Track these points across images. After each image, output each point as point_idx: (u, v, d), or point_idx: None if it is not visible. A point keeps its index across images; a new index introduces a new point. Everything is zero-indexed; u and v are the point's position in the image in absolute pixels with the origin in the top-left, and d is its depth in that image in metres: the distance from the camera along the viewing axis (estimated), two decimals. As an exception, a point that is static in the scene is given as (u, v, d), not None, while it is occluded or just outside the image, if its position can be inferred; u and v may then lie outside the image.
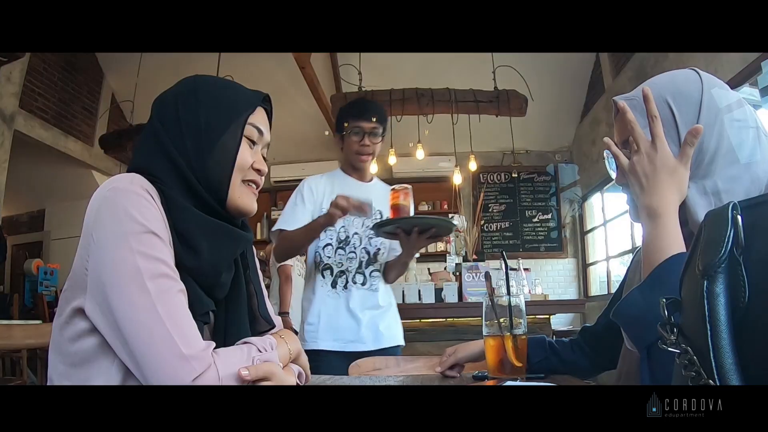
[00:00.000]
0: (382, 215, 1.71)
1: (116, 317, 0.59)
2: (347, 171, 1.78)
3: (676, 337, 0.40)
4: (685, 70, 0.77)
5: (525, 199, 6.04)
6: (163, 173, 0.70)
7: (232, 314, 0.76)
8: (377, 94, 3.77)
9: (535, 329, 3.28)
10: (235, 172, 0.73)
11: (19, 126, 4.31)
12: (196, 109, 0.73)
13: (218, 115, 0.73)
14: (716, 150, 0.71)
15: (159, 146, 0.71)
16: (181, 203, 0.68)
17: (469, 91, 3.79)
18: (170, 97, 0.75)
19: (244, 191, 0.75)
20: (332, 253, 1.68)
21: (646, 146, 0.71)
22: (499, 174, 6.04)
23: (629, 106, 0.76)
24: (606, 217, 5.29)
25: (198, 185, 0.71)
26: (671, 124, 0.73)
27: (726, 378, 0.35)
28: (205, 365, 0.60)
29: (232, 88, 0.78)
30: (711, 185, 0.71)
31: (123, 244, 0.61)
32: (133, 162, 0.73)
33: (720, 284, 0.37)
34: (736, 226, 0.37)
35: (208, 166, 0.71)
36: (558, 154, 6.06)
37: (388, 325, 1.70)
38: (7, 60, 3.85)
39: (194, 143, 0.71)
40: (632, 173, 0.72)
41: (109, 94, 5.56)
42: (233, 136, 0.74)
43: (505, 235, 5.97)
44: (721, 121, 0.71)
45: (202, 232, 0.69)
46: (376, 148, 1.72)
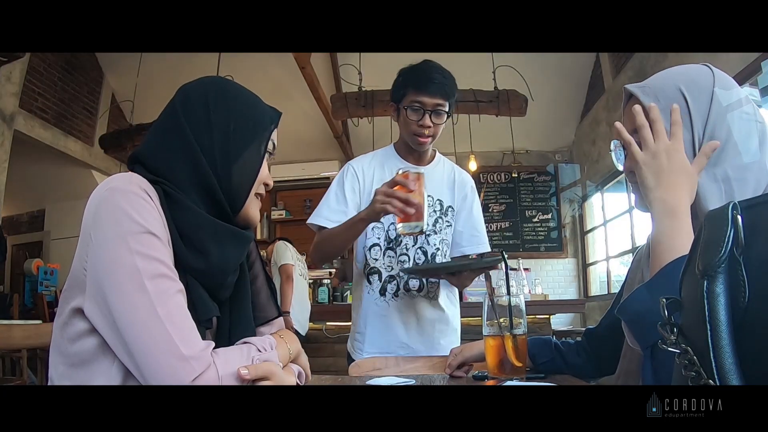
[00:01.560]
0: (443, 206, 1.45)
1: (115, 318, 0.59)
2: (401, 152, 1.48)
3: (676, 337, 0.40)
4: (696, 64, 0.78)
5: (525, 199, 6.04)
6: (180, 171, 0.69)
7: (236, 315, 0.76)
8: (377, 94, 3.77)
9: (535, 329, 3.28)
10: (255, 183, 0.74)
11: (19, 126, 4.31)
12: (227, 115, 0.72)
13: (247, 126, 0.73)
14: (727, 139, 0.72)
15: (183, 143, 0.70)
16: (187, 204, 0.67)
17: (469, 91, 3.78)
18: (199, 94, 0.73)
19: (254, 203, 0.76)
20: (380, 255, 1.42)
21: (666, 143, 0.71)
22: (499, 174, 6.04)
23: (642, 92, 0.76)
24: (606, 217, 5.28)
25: (218, 190, 0.70)
26: (684, 111, 0.73)
27: (726, 378, 0.35)
28: (204, 365, 0.60)
29: (258, 101, 0.77)
30: (721, 173, 0.72)
31: (121, 245, 0.60)
32: (148, 152, 0.71)
33: (720, 284, 0.37)
34: (736, 226, 0.37)
35: (232, 176, 0.71)
36: (558, 154, 6.06)
37: (451, 341, 1.44)
38: (7, 60, 3.85)
39: (221, 148, 0.70)
40: (646, 165, 0.72)
41: (109, 94, 5.57)
42: (258, 150, 0.74)
43: (505, 235, 5.97)
44: (731, 111, 0.72)
45: (211, 236, 0.69)
46: (438, 130, 1.39)
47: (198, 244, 0.67)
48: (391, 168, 1.44)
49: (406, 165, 1.45)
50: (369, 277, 1.43)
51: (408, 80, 1.37)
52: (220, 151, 0.70)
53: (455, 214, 1.50)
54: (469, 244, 1.50)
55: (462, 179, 1.52)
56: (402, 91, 1.38)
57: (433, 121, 1.36)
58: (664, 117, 0.74)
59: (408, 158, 1.46)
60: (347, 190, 1.42)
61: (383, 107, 3.79)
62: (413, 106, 1.35)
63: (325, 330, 3.67)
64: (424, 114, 1.35)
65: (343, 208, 1.40)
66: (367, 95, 3.82)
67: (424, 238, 1.44)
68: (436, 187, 1.46)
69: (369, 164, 1.47)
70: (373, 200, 1.20)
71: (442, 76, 1.36)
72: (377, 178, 1.44)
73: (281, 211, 5.99)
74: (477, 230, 1.51)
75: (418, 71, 1.38)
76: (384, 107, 3.89)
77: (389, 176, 1.38)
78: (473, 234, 1.50)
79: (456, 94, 1.39)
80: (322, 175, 5.96)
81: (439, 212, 1.47)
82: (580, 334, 1.19)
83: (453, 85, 1.37)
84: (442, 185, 1.47)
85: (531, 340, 1.08)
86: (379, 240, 1.43)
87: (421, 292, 1.43)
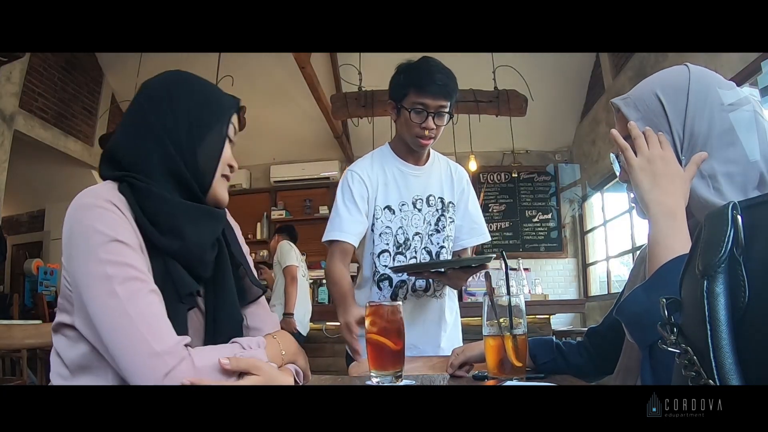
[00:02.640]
0: (444, 203, 1.44)
1: (96, 324, 0.62)
2: (400, 152, 1.43)
3: (676, 337, 0.40)
4: (676, 66, 0.79)
5: (525, 199, 6.03)
6: (149, 159, 0.73)
7: (220, 293, 0.79)
8: (377, 94, 3.77)
9: (535, 329, 3.28)
10: (219, 165, 0.78)
11: (19, 126, 4.31)
12: (188, 102, 0.76)
13: (209, 111, 0.78)
14: (708, 132, 0.72)
15: (150, 133, 0.74)
16: (155, 192, 0.71)
17: (469, 91, 3.78)
18: (161, 86, 0.78)
19: (222, 183, 0.80)
20: (390, 261, 1.39)
21: (659, 150, 0.73)
22: (499, 174, 6.04)
23: (624, 104, 0.79)
24: (606, 217, 5.28)
25: (186, 172, 0.74)
26: (661, 114, 0.75)
27: (726, 378, 0.35)
28: (177, 358, 0.61)
29: (217, 89, 0.83)
30: (708, 168, 0.72)
31: (92, 258, 0.64)
32: (118, 146, 0.75)
33: (720, 284, 0.37)
34: (736, 226, 0.37)
35: (198, 157, 0.75)
36: (558, 154, 6.06)
37: (451, 340, 1.43)
38: (7, 60, 3.85)
39: (186, 133, 0.75)
40: (642, 169, 0.73)
41: (109, 94, 5.56)
42: (220, 133, 0.78)
43: (505, 235, 5.97)
44: (711, 105, 0.73)
45: (184, 216, 0.73)
46: (440, 131, 1.36)
47: (171, 227, 0.71)
48: (392, 171, 1.41)
49: (407, 168, 1.43)
50: (379, 284, 1.40)
51: (409, 80, 1.32)
52: (185, 136, 0.74)
53: (455, 208, 1.49)
54: (468, 236, 1.49)
55: (459, 173, 1.51)
56: (403, 91, 1.33)
57: (436, 123, 1.33)
58: (645, 124, 0.76)
59: (407, 158, 1.43)
60: (357, 199, 1.37)
61: (383, 107, 3.78)
62: (416, 108, 1.31)
63: (325, 330, 3.67)
64: (427, 116, 1.31)
65: (358, 218, 1.36)
66: (367, 95, 3.82)
67: (427, 238, 1.42)
68: (435, 184, 1.44)
69: (372, 169, 1.42)
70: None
71: (444, 76, 1.31)
72: (381, 182, 1.40)
73: (281, 211, 5.99)
74: (476, 222, 1.51)
75: (420, 71, 1.32)
76: (384, 107, 3.88)
77: (391, 179, 1.39)
78: (472, 227, 1.50)
79: (457, 93, 1.35)
80: (322, 175, 5.95)
81: (441, 210, 1.45)
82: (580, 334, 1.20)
83: (455, 85, 1.33)
84: (441, 182, 1.45)
85: (532, 340, 1.08)
86: (387, 246, 1.40)
87: (428, 292, 1.41)
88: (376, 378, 0.97)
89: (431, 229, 1.42)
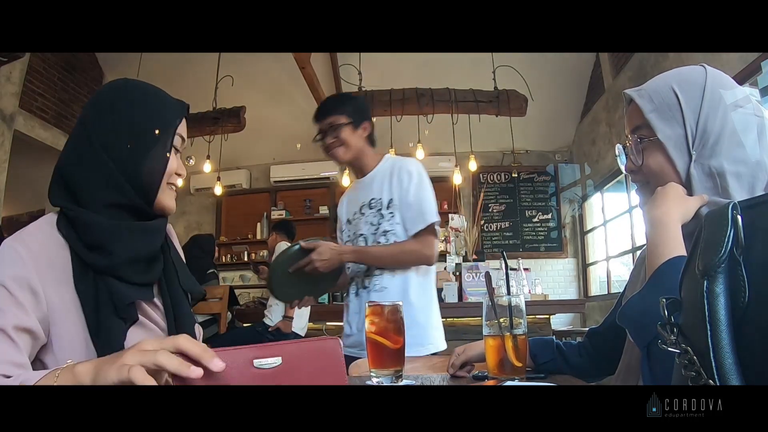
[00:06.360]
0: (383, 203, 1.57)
1: None
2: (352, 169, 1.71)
3: (676, 337, 0.40)
4: (693, 65, 0.81)
5: (525, 199, 6.03)
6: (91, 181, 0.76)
7: (173, 294, 0.86)
8: (377, 94, 3.77)
9: (535, 329, 3.28)
10: (164, 177, 0.81)
11: (19, 126, 4.31)
12: (131, 116, 0.78)
13: (153, 124, 0.79)
14: (721, 131, 0.74)
15: (92, 153, 0.76)
16: (89, 221, 0.75)
17: (469, 91, 3.79)
18: (104, 100, 0.79)
19: (168, 194, 0.83)
20: (352, 263, 1.59)
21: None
22: (499, 174, 6.03)
23: (638, 95, 0.80)
24: (606, 217, 5.28)
25: (129, 189, 0.78)
26: (676, 107, 0.76)
27: (726, 378, 0.35)
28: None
29: (160, 97, 0.83)
30: (717, 165, 0.74)
31: None
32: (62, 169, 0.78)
33: (720, 284, 0.37)
34: (736, 226, 0.37)
35: (140, 171, 0.78)
36: (558, 154, 6.06)
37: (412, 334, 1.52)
38: (7, 60, 3.85)
39: (129, 152, 0.77)
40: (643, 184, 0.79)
41: (109, 94, 5.56)
42: (164, 146, 0.80)
43: (505, 235, 5.97)
44: (725, 105, 0.74)
45: (112, 236, 0.76)
46: (343, 140, 1.56)
47: (100, 247, 0.75)
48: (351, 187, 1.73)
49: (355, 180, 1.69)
50: (350, 285, 1.60)
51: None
52: (127, 153, 0.77)
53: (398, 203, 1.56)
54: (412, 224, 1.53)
55: (401, 168, 1.58)
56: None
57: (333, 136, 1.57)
58: (659, 116, 0.77)
59: (356, 173, 1.67)
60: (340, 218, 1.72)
61: (383, 107, 3.79)
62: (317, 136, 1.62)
63: (324, 330, 3.67)
64: (323, 135, 1.59)
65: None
66: (367, 95, 3.82)
67: (372, 238, 1.57)
68: (377, 188, 1.59)
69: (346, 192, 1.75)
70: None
71: (324, 103, 1.66)
72: (344, 201, 1.71)
73: (281, 211, 5.98)
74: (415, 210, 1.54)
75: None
76: (384, 107, 3.89)
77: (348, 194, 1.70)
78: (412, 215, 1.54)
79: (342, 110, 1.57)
80: (322, 175, 5.95)
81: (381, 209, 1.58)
82: (580, 335, 1.20)
83: (334, 103, 1.64)
84: (382, 184, 1.58)
85: (532, 340, 1.08)
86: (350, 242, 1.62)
87: (367, 288, 1.56)
88: (376, 377, 0.97)
89: (374, 230, 1.57)
